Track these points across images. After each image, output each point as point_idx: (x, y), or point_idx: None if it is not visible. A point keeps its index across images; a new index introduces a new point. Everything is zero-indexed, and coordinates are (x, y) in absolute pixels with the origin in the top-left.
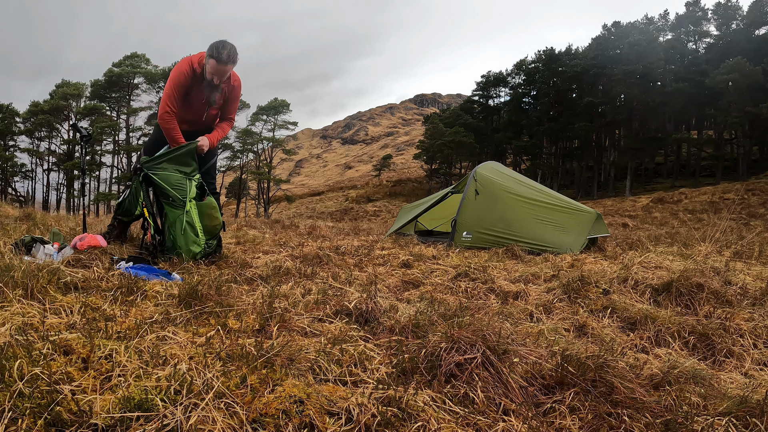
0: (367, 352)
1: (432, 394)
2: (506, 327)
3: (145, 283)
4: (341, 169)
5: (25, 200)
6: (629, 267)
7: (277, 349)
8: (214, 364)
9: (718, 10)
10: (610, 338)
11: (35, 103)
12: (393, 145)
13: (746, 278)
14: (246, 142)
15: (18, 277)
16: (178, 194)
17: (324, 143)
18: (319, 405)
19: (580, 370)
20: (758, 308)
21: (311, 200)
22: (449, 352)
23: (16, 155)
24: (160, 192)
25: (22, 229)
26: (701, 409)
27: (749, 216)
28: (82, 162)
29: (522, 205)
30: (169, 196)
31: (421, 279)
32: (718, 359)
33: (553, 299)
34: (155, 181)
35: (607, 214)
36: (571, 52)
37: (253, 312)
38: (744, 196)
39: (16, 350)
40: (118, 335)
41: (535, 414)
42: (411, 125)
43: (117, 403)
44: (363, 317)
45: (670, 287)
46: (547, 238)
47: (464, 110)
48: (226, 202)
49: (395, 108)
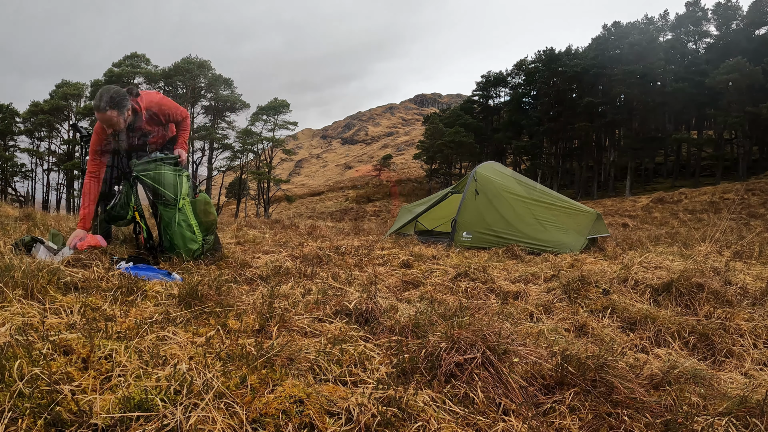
0: (367, 352)
1: (432, 394)
2: (506, 327)
3: (145, 283)
4: (341, 169)
5: (25, 200)
6: (629, 267)
7: (277, 349)
8: (214, 364)
9: (718, 10)
10: (610, 338)
11: (35, 103)
12: (393, 145)
13: (746, 278)
14: (246, 142)
15: (18, 277)
16: (171, 193)
17: (324, 143)
18: (319, 405)
19: (580, 370)
20: (758, 308)
21: (311, 200)
22: (449, 352)
23: (16, 155)
24: (153, 193)
25: (22, 229)
26: (701, 409)
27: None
28: (82, 162)
29: (522, 205)
30: (162, 196)
31: (421, 279)
32: (718, 359)
33: (553, 299)
34: (147, 182)
35: (607, 214)
36: (571, 52)
37: (253, 312)
38: (744, 196)
39: (16, 350)
40: (118, 335)
41: (535, 414)
42: (411, 125)
43: (117, 403)
44: (363, 317)
45: (670, 287)
46: (547, 238)
47: (464, 110)
48: (226, 202)
49: (395, 108)
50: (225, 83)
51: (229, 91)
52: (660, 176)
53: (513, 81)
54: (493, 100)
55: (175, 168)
